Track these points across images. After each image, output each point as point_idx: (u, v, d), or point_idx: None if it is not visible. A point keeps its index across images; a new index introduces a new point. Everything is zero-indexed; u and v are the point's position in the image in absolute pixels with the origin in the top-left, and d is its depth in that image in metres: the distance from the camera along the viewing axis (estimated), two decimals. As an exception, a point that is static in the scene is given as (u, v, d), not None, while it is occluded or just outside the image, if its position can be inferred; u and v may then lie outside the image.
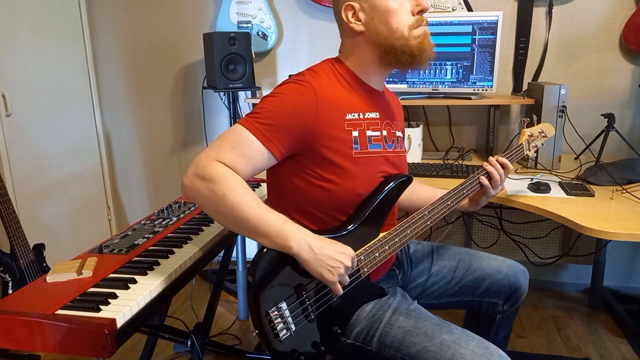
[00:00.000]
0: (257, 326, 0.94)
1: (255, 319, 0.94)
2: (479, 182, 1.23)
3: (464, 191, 1.20)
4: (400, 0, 1.04)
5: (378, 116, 1.11)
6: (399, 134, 1.19)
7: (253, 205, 0.91)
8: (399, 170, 1.16)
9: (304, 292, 0.97)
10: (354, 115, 1.06)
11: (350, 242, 1.02)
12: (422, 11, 1.06)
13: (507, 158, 1.27)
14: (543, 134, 1.47)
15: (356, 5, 1.06)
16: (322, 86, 1.03)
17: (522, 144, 1.40)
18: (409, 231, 1.09)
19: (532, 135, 1.43)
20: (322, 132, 1.01)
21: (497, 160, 1.24)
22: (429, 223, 1.13)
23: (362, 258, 1.03)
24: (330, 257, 0.92)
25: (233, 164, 0.95)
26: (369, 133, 1.08)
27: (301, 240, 0.91)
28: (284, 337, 0.95)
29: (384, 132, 1.12)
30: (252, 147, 0.96)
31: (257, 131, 0.97)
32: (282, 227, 0.91)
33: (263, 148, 0.97)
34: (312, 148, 1.01)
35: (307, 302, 0.98)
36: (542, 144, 1.51)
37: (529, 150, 1.43)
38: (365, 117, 1.08)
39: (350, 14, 1.07)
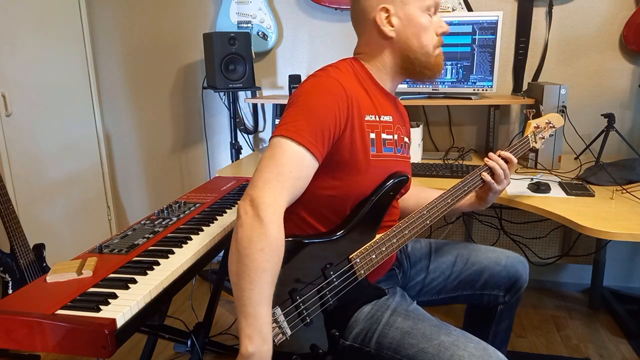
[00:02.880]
0: None
1: None
2: (481, 178, 1.21)
3: (465, 188, 1.19)
4: (429, 19, 1.08)
5: (391, 120, 1.11)
6: (406, 139, 1.19)
7: (254, 287, 0.85)
8: None
9: (298, 297, 0.96)
10: (371, 117, 1.06)
11: (345, 245, 1.01)
12: (443, 33, 1.11)
13: (511, 152, 1.24)
14: (551, 125, 1.42)
15: (391, 9, 1.05)
16: (349, 86, 1.02)
17: (527, 136, 1.36)
18: (406, 232, 1.08)
19: (538, 127, 1.39)
20: (348, 132, 1.00)
21: (499, 155, 1.22)
22: (428, 222, 1.11)
23: (358, 261, 1.02)
24: None
25: (290, 200, 0.92)
26: (383, 136, 1.08)
27: (255, 348, 0.84)
28: (279, 342, 0.94)
29: (395, 137, 1.12)
30: (305, 163, 0.94)
31: (306, 141, 0.93)
32: (254, 327, 0.84)
33: (313, 159, 0.95)
34: (336, 147, 1.00)
35: (302, 307, 0.96)
36: (551, 135, 1.45)
37: (535, 143, 1.38)
38: (381, 119, 1.08)
39: (384, 16, 1.06)
